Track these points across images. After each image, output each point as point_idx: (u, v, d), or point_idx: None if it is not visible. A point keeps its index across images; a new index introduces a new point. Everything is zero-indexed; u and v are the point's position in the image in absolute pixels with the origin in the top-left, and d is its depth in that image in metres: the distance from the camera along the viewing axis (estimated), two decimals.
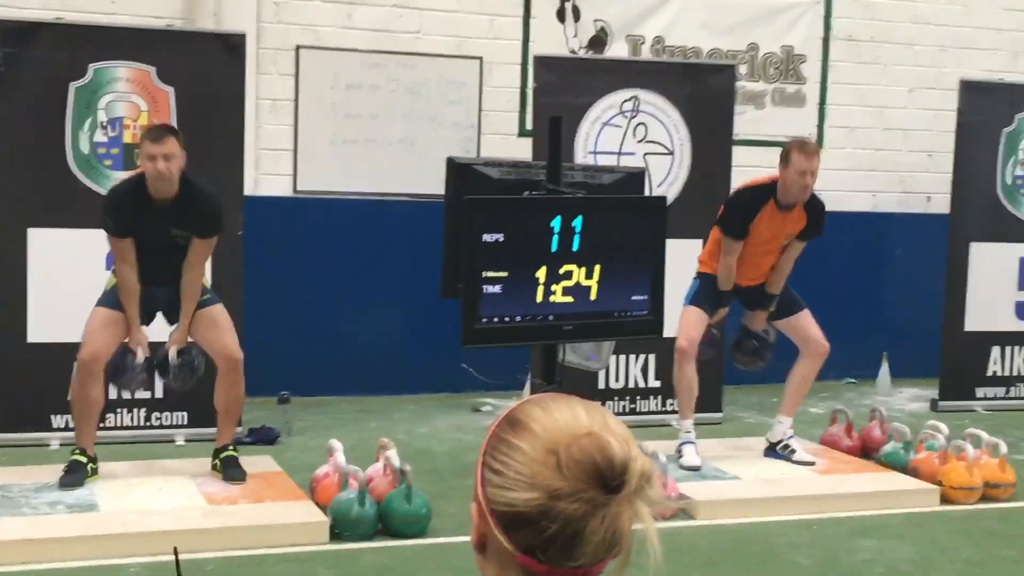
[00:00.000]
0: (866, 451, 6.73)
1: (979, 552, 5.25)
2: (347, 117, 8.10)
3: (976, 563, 5.09)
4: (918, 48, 9.37)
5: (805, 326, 6.41)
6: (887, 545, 5.30)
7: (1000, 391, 8.43)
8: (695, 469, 6.18)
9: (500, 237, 3.76)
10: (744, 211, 6.16)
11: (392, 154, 8.19)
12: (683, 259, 7.16)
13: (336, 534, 5.12)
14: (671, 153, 7.58)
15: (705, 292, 6.34)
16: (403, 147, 8.21)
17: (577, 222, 3.87)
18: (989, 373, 8.41)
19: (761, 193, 6.14)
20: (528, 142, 7.73)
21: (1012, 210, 8.42)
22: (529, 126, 8.04)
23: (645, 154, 7.50)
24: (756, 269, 6.33)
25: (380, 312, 8.21)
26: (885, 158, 9.37)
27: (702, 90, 7.60)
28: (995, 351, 8.41)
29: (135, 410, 6.72)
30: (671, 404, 7.52)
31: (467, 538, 1.41)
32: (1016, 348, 8.46)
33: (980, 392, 8.38)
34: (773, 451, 6.52)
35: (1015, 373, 8.46)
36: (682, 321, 6.35)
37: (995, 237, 8.37)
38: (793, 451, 6.44)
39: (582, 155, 7.36)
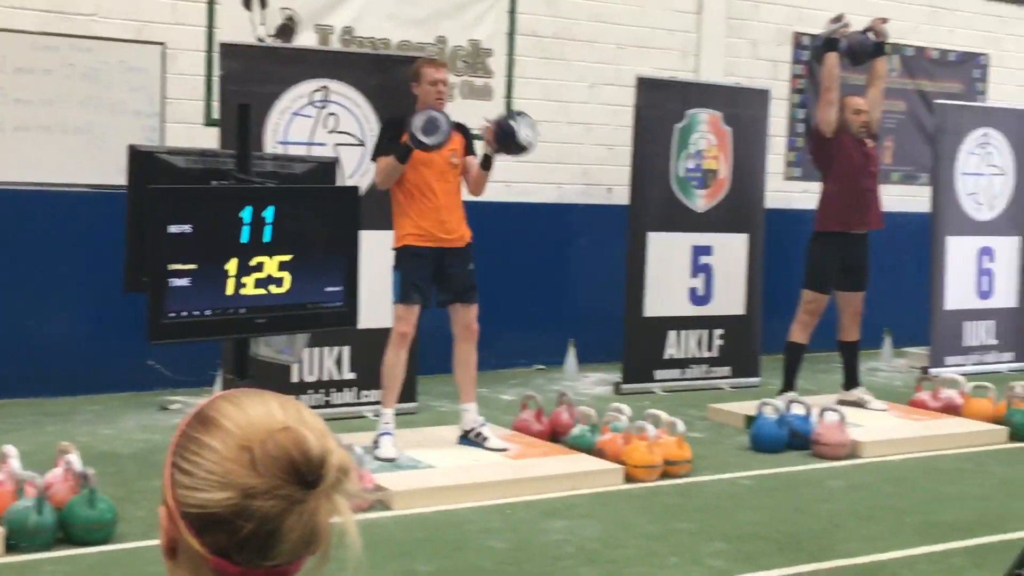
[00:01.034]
0: (555, 435, 6.94)
1: (660, 526, 5.52)
2: (17, 103, 7.61)
3: (657, 537, 5.36)
4: (598, 45, 9.75)
5: (469, 316, 6.55)
6: (576, 524, 5.49)
7: (676, 373, 8.91)
8: (391, 460, 6.20)
9: (187, 228, 3.63)
10: (390, 131, 6.38)
11: (69, 142, 7.76)
12: (377, 250, 7.16)
13: (12, 545, 4.81)
14: (362, 144, 7.56)
15: (407, 279, 6.37)
16: (81, 135, 7.79)
17: (268, 212, 3.79)
18: (666, 356, 8.87)
19: (404, 117, 6.34)
20: (215, 132, 7.50)
21: (684, 201, 8.91)
22: (216, 115, 7.82)
23: (336, 144, 7.45)
24: (443, 201, 6.39)
25: (58, 309, 7.78)
26: (569, 151, 9.71)
27: (392, 81, 7.61)
28: (671, 335, 8.89)
29: None
30: (366, 396, 7.52)
31: (158, 542, 1.34)
32: (690, 332, 8.97)
33: (659, 374, 8.84)
34: (467, 439, 6.63)
35: (689, 355, 8.97)
36: (396, 315, 6.41)
37: (670, 227, 8.84)
38: (486, 438, 6.58)
39: (272, 145, 7.23)
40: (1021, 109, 10.78)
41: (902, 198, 11.18)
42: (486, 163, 6.59)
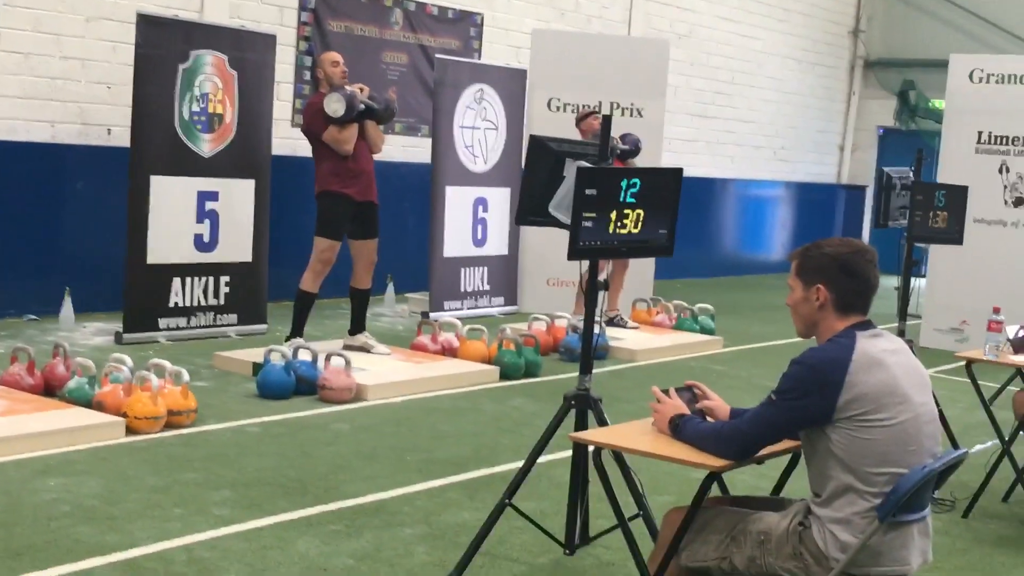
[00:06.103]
0: (50, 388, 6.57)
1: (163, 478, 5.37)
2: None
3: (160, 489, 5.21)
4: None
5: None
6: (72, 482, 5.22)
7: (182, 321, 8.69)
8: None
9: None
10: None
11: None
12: None
13: None
14: None
15: None
16: None
17: None
18: (171, 304, 8.62)
19: None
20: None
21: (190, 145, 8.66)
22: None
23: None
24: None
25: None
26: (63, 88, 9.12)
27: None
28: (176, 282, 8.64)
29: None
30: None
31: None
32: (196, 279, 8.76)
33: (163, 323, 8.57)
34: None
35: (195, 303, 8.77)
36: None
37: (175, 171, 8.56)
38: None
39: None
40: (511, 68, 11.46)
41: (404, 148, 11.56)
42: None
